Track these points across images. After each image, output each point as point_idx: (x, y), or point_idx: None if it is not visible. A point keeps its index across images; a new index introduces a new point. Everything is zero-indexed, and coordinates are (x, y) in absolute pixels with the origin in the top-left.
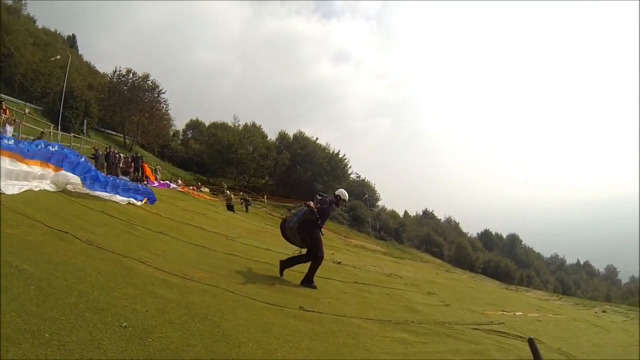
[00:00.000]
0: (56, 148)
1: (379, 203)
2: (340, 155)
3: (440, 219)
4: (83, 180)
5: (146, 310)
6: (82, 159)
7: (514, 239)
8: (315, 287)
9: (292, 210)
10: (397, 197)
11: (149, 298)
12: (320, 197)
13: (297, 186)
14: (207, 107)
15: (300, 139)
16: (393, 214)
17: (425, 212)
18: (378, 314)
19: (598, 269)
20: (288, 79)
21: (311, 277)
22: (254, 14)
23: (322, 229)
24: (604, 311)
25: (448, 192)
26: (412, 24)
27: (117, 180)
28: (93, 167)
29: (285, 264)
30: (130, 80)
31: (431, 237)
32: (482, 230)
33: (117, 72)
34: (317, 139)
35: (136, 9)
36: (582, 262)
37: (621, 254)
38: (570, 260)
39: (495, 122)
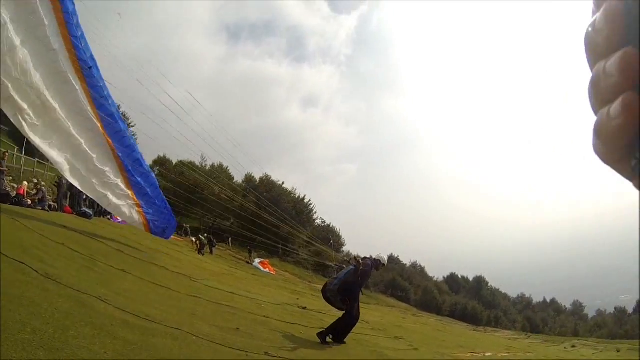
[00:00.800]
0: None
1: (344, 248)
2: (305, 200)
3: (405, 264)
4: None
5: (104, 352)
6: None
7: (480, 281)
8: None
9: (333, 275)
10: (363, 242)
11: (108, 339)
12: (362, 260)
13: (261, 229)
14: (175, 144)
15: (266, 182)
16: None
17: (391, 257)
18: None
19: (565, 306)
20: (257, 121)
21: (344, 334)
22: (228, 54)
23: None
24: (573, 346)
25: (413, 238)
26: (378, 72)
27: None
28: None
29: (328, 331)
30: None
31: (397, 282)
32: (448, 274)
33: None
34: (283, 183)
35: (112, 34)
36: (548, 300)
37: (586, 289)
38: (536, 298)
39: (459, 164)
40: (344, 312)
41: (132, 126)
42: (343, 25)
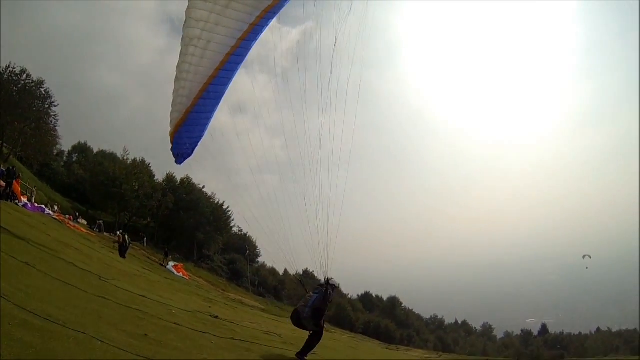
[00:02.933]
0: None
1: (260, 259)
2: (224, 207)
3: (320, 280)
4: None
5: None
6: None
7: (394, 301)
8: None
9: (300, 304)
10: (278, 255)
11: (3, 341)
12: (330, 282)
13: (178, 232)
14: (98, 132)
15: (187, 184)
16: (273, 271)
17: (306, 272)
18: None
19: (475, 327)
20: None
21: (311, 349)
22: (168, 47)
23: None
24: None
25: (328, 254)
26: (311, 88)
27: None
28: None
29: (306, 351)
30: (22, 82)
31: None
32: (363, 293)
33: (10, 69)
34: (203, 187)
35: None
36: (460, 322)
37: (495, 313)
38: (448, 320)
39: (375, 181)
40: (314, 332)
41: (55, 106)
42: (285, 38)
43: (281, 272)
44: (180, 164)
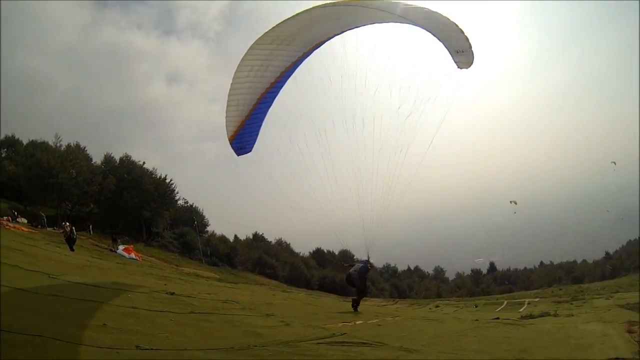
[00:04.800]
0: None
1: (208, 229)
2: (167, 181)
3: (271, 241)
4: None
5: None
6: None
7: (345, 254)
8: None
9: (351, 270)
10: (226, 221)
11: None
12: (370, 261)
13: (123, 214)
14: (26, 122)
15: (126, 163)
16: (223, 239)
17: (256, 235)
18: (219, 342)
19: (427, 272)
20: (119, 96)
21: (359, 302)
22: (93, 21)
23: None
24: (436, 306)
25: (277, 215)
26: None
27: None
28: None
29: (356, 302)
30: None
31: (264, 259)
32: (314, 249)
33: None
34: (144, 163)
35: None
36: (412, 268)
37: (445, 256)
38: (401, 267)
39: (319, 140)
40: (359, 289)
41: None
42: (216, 1)
43: (231, 238)
44: (239, 155)
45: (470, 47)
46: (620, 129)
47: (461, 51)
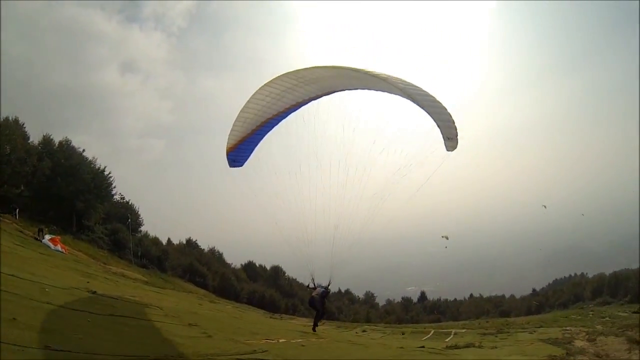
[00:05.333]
0: None
1: (142, 228)
2: (106, 173)
3: (204, 249)
4: None
5: None
6: None
7: (277, 270)
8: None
9: (314, 293)
10: (161, 223)
11: None
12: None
13: (55, 201)
14: None
15: (66, 147)
16: (156, 241)
17: (189, 241)
18: (135, 349)
19: (358, 296)
20: (69, 76)
21: (316, 324)
22: None
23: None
24: (363, 330)
25: (212, 222)
26: (208, 51)
27: None
28: None
29: (315, 322)
30: None
31: (195, 266)
32: (246, 262)
33: None
34: (84, 150)
35: None
36: (343, 291)
37: (377, 282)
38: (332, 289)
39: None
40: (319, 311)
41: None
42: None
43: (164, 241)
44: (231, 166)
45: (457, 135)
46: (551, 175)
47: (451, 138)
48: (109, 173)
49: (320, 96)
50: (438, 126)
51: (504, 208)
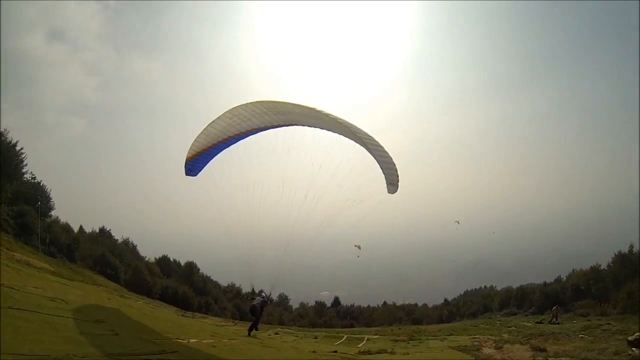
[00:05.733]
0: None
1: (53, 213)
2: (18, 148)
3: (117, 240)
4: None
5: None
6: None
7: (191, 266)
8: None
9: (254, 302)
10: (74, 208)
11: None
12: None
13: None
14: None
15: None
16: (67, 227)
17: (103, 230)
18: (34, 347)
19: (272, 298)
20: None
21: (252, 328)
22: None
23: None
24: (276, 333)
25: (128, 211)
26: (143, 29)
27: None
28: None
29: (250, 328)
30: None
31: (107, 258)
32: (161, 256)
33: None
34: None
35: None
36: (257, 291)
37: (291, 284)
38: (245, 288)
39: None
40: (257, 318)
41: None
42: None
43: (76, 228)
44: (187, 175)
45: (398, 181)
46: (466, 193)
47: (393, 183)
48: (21, 149)
49: (283, 126)
50: (384, 173)
51: (418, 219)
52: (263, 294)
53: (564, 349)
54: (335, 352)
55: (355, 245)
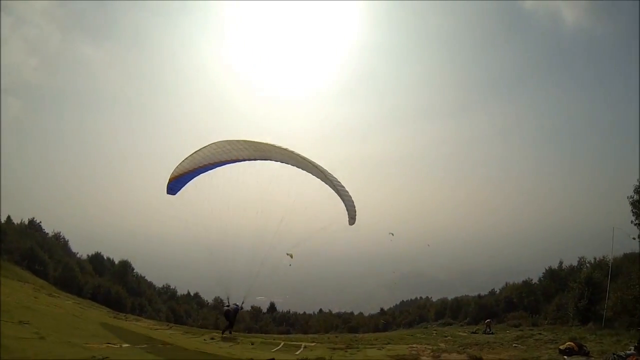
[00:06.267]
0: None
1: None
2: None
3: (48, 233)
4: None
5: None
6: None
7: (126, 265)
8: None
9: (229, 308)
10: (3, 197)
11: None
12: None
13: None
14: None
15: None
16: None
17: (32, 222)
18: None
19: (207, 300)
20: None
21: (226, 330)
22: None
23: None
24: (212, 338)
25: (63, 204)
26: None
27: None
28: None
29: (224, 330)
30: None
31: (35, 252)
32: (94, 253)
33: None
34: None
35: None
36: (192, 294)
37: (227, 288)
38: (181, 291)
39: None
40: (231, 323)
41: None
42: None
43: (3, 218)
44: (168, 193)
45: (355, 216)
46: (403, 206)
47: (353, 217)
48: None
49: (261, 160)
50: (347, 210)
51: (356, 230)
52: (235, 304)
53: (500, 358)
54: (273, 359)
55: (287, 254)
